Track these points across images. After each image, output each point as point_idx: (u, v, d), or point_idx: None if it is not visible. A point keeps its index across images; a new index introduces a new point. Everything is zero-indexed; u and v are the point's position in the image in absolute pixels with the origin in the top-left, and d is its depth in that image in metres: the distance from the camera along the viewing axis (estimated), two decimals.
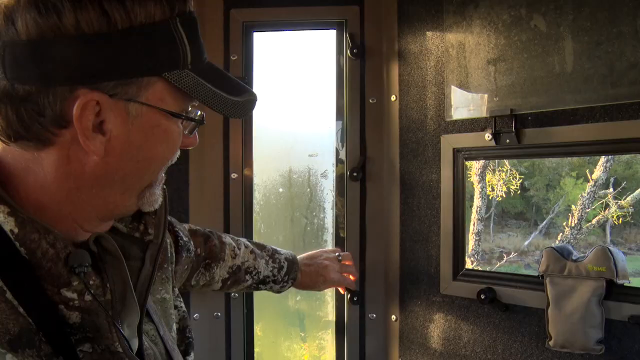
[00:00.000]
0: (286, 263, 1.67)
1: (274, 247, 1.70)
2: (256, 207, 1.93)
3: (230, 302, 1.93)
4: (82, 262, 0.82)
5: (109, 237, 0.88)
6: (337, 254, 1.79)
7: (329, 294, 1.97)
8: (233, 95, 0.85)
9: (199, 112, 0.91)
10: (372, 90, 1.88)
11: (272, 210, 1.96)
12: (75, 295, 0.82)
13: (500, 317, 1.66)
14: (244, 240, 1.66)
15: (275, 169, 1.96)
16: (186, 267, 1.47)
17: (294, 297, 1.99)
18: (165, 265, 1.13)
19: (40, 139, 0.78)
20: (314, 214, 1.95)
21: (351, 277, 1.82)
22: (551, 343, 1.53)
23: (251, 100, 0.88)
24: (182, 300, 1.20)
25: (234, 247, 1.61)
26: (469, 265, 1.78)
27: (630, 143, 1.44)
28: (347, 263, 1.81)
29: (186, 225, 1.55)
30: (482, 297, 1.64)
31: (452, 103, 1.71)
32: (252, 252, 1.64)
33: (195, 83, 0.82)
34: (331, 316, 1.97)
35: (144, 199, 0.89)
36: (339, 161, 1.91)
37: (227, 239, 1.62)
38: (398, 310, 1.89)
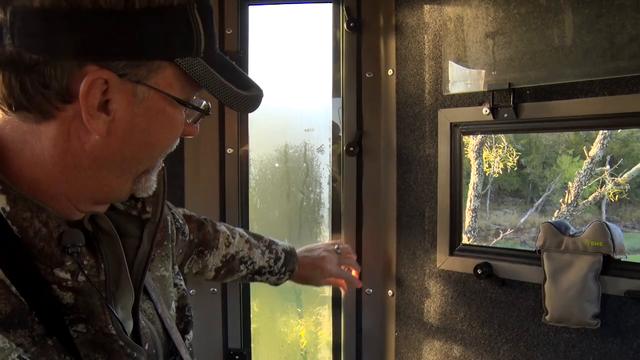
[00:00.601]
0: (284, 254, 1.64)
1: (272, 238, 1.67)
2: (252, 183, 1.92)
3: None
4: (75, 242, 0.80)
5: (105, 216, 0.87)
6: (335, 246, 1.76)
7: None
8: (241, 89, 0.84)
9: (204, 102, 0.91)
10: (368, 64, 1.86)
11: (268, 186, 1.95)
12: (68, 276, 0.81)
13: (496, 292, 1.66)
14: (239, 229, 1.64)
15: (271, 143, 1.95)
16: (181, 250, 1.46)
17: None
18: (165, 243, 1.12)
19: (42, 112, 0.76)
20: (310, 189, 1.94)
21: (353, 272, 1.81)
22: (547, 318, 1.53)
23: (258, 96, 0.88)
24: (182, 278, 1.18)
25: (228, 235, 1.58)
26: (465, 241, 1.78)
27: (630, 117, 1.43)
28: (346, 255, 1.79)
29: (180, 210, 1.53)
30: (479, 272, 1.64)
31: (449, 77, 1.69)
32: (247, 241, 1.61)
33: (205, 72, 0.81)
34: (328, 292, 1.97)
35: (139, 184, 0.88)
36: (335, 136, 1.90)
37: (222, 227, 1.59)
38: (394, 285, 1.89)
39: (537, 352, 1.60)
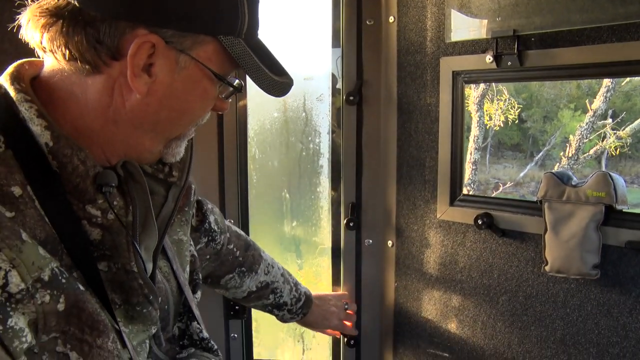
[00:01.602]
0: (304, 297, 1.73)
1: (296, 279, 1.75)
2: (250, 132, 1.90)
3: None
4: (108, 182, 0.86)
5: (136, 164, 0.92)
6: (345, 304, 1.88)
7: (326, 220, 1.95)
8: (274, 74, 0.91)
9: (237, 80, 0.95)
10: (369, 11, 1.81)
11: (266, 136, 1.92)
12: (99, 213, 0.87)
13: (496, 243, 1.65)
14: (277, 262, 1.71)
15: None
16: (208, 256, 1.51)
17: (289, 224, 1.98)
18: (186, 209, 1.17)
19: (91, 64, 0.82)
20: (310, 139, 1.91)
21: (349, 324, 1.91)
22: (547, 268, 1.53)
23: (289, 83, 0.94)
24: (192, 244, 1.25)
25: (269, 264, 1.66)
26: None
27: (638, 65, 1.39)
28: (350, 313, 1.90)
29: (233, 227, 1.62)
30: (479, 222, 1.63)
31: (452, 24, 1.64)
32: (282, 274, 1.69)
33: (244, 53, 0.87)
34: (327, 243, 1.96)
35: (169, 149, 0.95)
36: (334, 85, 1.86)
37: (266, 255, 1.67)
38: (394, 236, 1.89)
39: (536, 302, 1.60)
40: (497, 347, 1.69)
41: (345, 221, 1.90)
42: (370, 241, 1.91)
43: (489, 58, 1.56)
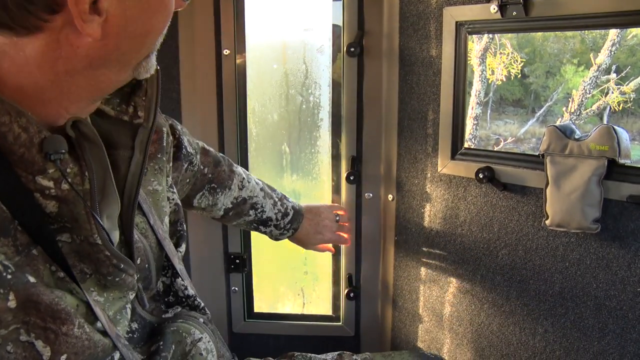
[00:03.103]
0: (292, 211, 1.68)
1: (283, 194, 1.70)
2: (249, 85, 1.87)
3: None
4: (57, 149, 0.78)
5: (88, 123, 0.85)
6: (336, 216, 1.83)
7: (326, 174, 1.94)
8: None
9: None
10: None
11: (266, 88, 1.89)
12: (51, 184, 0.79)
13: (497, 197, 1.65)
14: (255, 177, 1.66)
15: (268, 44, 1.87)
16: (188, 180, 1.45)
17: (289, 177, 1.97)
18: (159, 155, 1.09)
19: (27, 27, 0.72)
20: (310, 91, 1.89)
21: (345, 235, 1.88)
22: (548, 222, 1.52)
23: None
24: (175, 191, 1.16)
25: (243, 178, 1.59)
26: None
27: None
28: (343, 224, 1.86)
29: (200, 143, 1.54)
30: (480, 176, 1.62)
31: None
32: (262, 189, 1.63)
33: None
34: (327, 196, 1.96)
35: (140, 69, 0.85)
36: (335, 35, 1.82)
37: (239, 169, 1.60)
38: (395, 189, 1.88)
39: (536, 256, 1.60)
40: (495, 300, 1.71)
41: (345, 175, 1.89)
42: (371, 195, 1.91)
43: (493, 8, 1.52)
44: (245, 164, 1.91)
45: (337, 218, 1.83)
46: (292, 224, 1.68)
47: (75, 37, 0.74)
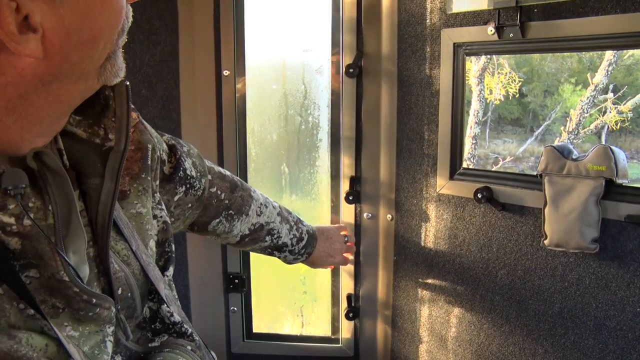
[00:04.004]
0: (307, 236, 1.63)
1: (298, 217, 1.64)
2: (249, 105, 1.88)
3: None
4: (17, 183, 0.74)
5: (50, 153, 0.79)
6: (345, 238, 1.80)
7: (325, 194, 1.95)
8: None
9: None
10: None
11: (265, 108, 1.91)
12: (12, 220, 0.74)
13: (496, 217, 1.65)
14: (272, 200, 1.57)
15: (268, 65, 1.89)
16: (191, 205, 1.31)
17: (289, 197, 1.98)
18: (144, 175, 1.01)
19: None
20: (309, 111, 1.90)
21: (350, 256, 1.87)
22: (546, 242, 1.53)
23: None
24: (163, 208, 1.09)
25: (261, 204, 1.51)
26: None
27: None
28: (350, 245, 1.84)
29: (217, 168, 1.43)
30: (479, 196, 1.63)
31: None
32: (279, 214, 1.56)
33: None
34: (327, 216, 1.96)
35: (105, 73, 0.78)
36: (334, 57, 1.84)
37: (257, 194, 1.51)
38: (394, 209, 1.88)
39: (535, 276, 1.60)
40: (495, 321, 1.70)
41: (344, 195, 1.89)
42: (370, 215, 1.91)
43: (490, 30, 1.54)
44: None
45: (346, 239, 1.80)
46: (306, 249, 1.63)
47: (16, 60, 0.68)
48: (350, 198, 1.89)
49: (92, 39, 0.72)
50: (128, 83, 0.86)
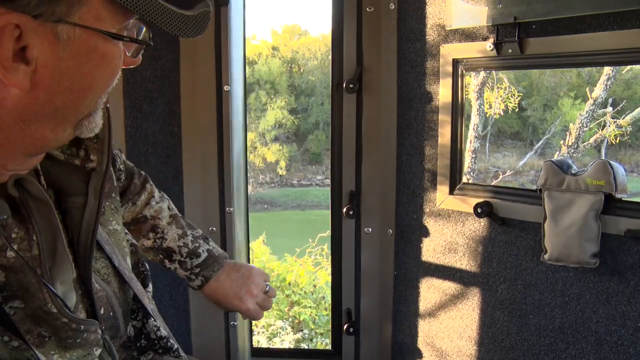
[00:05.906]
0: (206, 254, 1.31)
1: (208, 237, 1.36)
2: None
3: (225, 217, 1.92)
4: None
5: (33, 180, 0.76)
6: (267, 287, 1.38)
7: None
8: (183, 9, 0.69)
9: (143, 29, 0.78)
10: None
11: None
12: None
13: (496, 232, 1.65)
14: (175, 208, 1.37)
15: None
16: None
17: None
18: (114, 195, 0.99)
19: None
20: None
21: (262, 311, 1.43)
22: (546, 257, 1.53)
23: (205, 12, 0.72)
24: (127, 231, 1.07)
25: (153, 197, 1.32)
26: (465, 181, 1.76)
27: (639, 53, 1.38)
28: (270, 297, 1.45)
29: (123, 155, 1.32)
30: (479, 211, 1.63)
31: (453, 11, 1.63)
32: (172, 216, 1.34)
33: None
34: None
35: (82, 128, 0.75)
36: (334, 72, 1.85)
37: (154, 189, 1.34)
38: (394, 224, 1.88)
39: (535, 291, 1.60)
40: (495, 336, 1.70)
41: (344, 209, 1.89)
42: (370, 229, 1.91)
43: (489, 46, 1.56)
44: (245, 198, 1.92)
45: (267, 289, 1.39)
46: (202, 270, 1.30)
47: (0, 88, 0.65)
48: (350, 213, 1.89)
49: (81, 90, 0.71)
50: (109, 105, 0.82)
